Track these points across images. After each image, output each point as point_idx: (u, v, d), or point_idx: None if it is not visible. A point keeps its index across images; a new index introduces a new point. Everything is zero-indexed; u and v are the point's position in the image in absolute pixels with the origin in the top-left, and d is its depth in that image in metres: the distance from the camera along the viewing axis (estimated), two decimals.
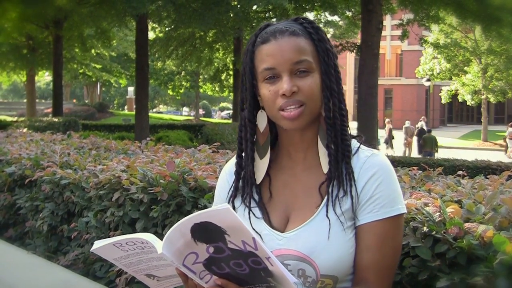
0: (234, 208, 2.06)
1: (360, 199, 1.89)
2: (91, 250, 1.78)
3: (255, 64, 1.93)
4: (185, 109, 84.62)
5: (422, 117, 39.69)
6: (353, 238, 1.87)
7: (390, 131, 32.38)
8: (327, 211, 1.88)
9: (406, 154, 29.93)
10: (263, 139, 2.00)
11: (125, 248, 1.73)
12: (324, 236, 1.85)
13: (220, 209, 1.55)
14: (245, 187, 2.04)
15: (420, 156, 26.67)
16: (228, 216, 1.55)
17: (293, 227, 1.92)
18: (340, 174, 1.89)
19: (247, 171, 2.02)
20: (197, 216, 1.57)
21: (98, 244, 1.75)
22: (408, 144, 31.87)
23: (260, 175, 2.02)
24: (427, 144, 27.71)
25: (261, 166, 2.01)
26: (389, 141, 31.81)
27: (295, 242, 1.88)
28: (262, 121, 1.99)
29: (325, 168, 1.93)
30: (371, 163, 1.91)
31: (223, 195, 2.14)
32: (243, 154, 2.04)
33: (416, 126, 34.78)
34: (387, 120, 34.42)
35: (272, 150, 2.04)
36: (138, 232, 3.88)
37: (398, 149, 31.31)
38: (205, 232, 1.59)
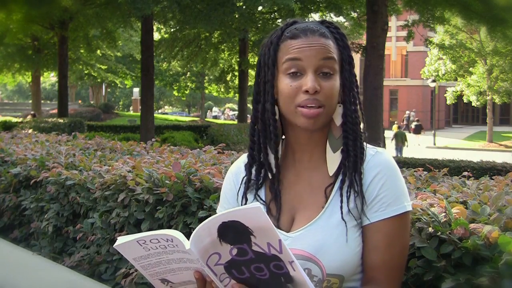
0: (246, 201, 2.06)
1: (365, 199, 1.89)
2: (114, 245, 1.75)
3: (278, 56, 1.91)
4: (215, 109, 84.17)
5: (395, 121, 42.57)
6: (359, 238, 1.87)
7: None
8: (332, 211, 1.89)
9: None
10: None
11: (147, 246, 1.70)
12: (330, 236, 1.85)
13: (251, 207, 1.54)
14: (259, 179, 2.04)
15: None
16: (258, 215, 1.54)
17: (298, 227, 1.92)
18: (354, 178, 1.89)
19: (265, 163, 2.00)
20: (226, 215, 1.57)
21: (121, 240, 1.72)
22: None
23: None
24: (398, 139, 31.39)
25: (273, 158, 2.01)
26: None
27: (300, 241, 1.87)
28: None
29: (331, 171, 1.93)
30: (375, 162, 1.91)
31: (230, 197, 2.14)
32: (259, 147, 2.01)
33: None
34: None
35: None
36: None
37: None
38: (232, 232, 1.58)
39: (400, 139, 31.35)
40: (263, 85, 1.96)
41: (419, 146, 39.51)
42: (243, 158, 2.16)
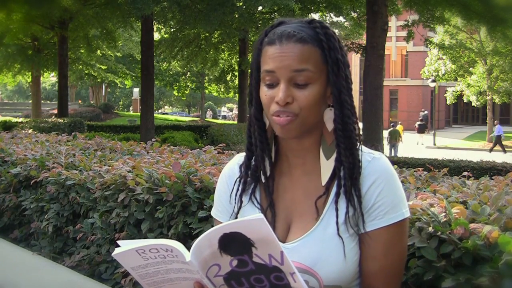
0: (241, 204, 2.02)
1: (362, 207, 1.84)
2: (112, 254, 1.73)
3: (260, 63, 1.87)
4: (224, 109, 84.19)
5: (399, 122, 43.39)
6: (357, 246, 1.84)
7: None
8: (328, 222, 1.85)
9: None
10: (268, 135, 1.95)
11: (146, 256, 1.69)
12: (327, 248, 1.82)
13: (254, 219, 1.52)
14: (252, 183, 2.00)
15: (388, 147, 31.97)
16: (261, 226, 1.53)
17: (295, 237, 1.88)
18: (350, 191, 1.83)
19: (258, 167, 1.97)
20: (227, 226, 1.55)
21: (119, 249, 1.70)
22: None
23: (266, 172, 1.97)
24: (392, 136, 32.33)
25: (266, 162, 1.97)
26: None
27: (297, 253, 1.84)
28: (266, 119, 1.94)
29: (324, 179, 1.88)
30: (372, 169, 1.86)
31: (223, 200, 2.10)
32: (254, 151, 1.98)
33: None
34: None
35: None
36: (144, 233, 3.90)
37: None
38: (233, 244, 1.57)
39: (393, 137, 32.13)
40: (251, 89, 1.94)
41: (422, 145, 39.59)
42: (236, 159, 2.13)
